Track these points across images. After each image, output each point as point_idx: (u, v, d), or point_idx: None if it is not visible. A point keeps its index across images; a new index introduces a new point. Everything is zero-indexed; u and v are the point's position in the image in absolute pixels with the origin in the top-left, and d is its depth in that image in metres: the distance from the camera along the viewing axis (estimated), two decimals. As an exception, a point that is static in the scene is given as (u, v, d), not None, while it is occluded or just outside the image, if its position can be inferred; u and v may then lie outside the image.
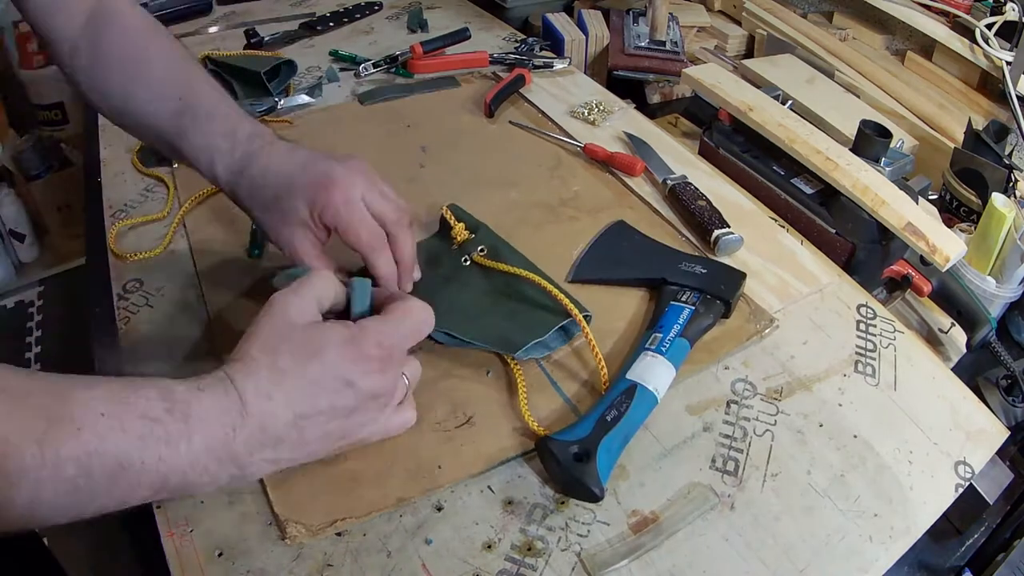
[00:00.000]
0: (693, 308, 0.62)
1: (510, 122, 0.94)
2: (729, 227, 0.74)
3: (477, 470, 0.54)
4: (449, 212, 0.73)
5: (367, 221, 0.58)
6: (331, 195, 0.57)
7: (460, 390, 0.60)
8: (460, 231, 0.71)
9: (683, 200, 0.78)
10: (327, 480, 0.53)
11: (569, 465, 0.51)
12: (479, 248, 0.70)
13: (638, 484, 0.54)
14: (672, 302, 0.63)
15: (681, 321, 0.61)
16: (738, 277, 0.65)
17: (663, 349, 0.59)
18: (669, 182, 0.81)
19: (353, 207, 0.58)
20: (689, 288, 0.63)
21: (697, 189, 0.80)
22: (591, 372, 0.62)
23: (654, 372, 0.57)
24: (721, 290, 0.63)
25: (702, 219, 0.75)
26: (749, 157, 0.88)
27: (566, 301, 0.62)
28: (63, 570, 1.01)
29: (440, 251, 0.71)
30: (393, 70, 1.07)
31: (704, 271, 0.65)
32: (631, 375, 0.57)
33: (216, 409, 0.44)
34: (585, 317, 0.62)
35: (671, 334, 0.60)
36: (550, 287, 0.63)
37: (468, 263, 0.70)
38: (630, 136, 0.89)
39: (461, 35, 1.10)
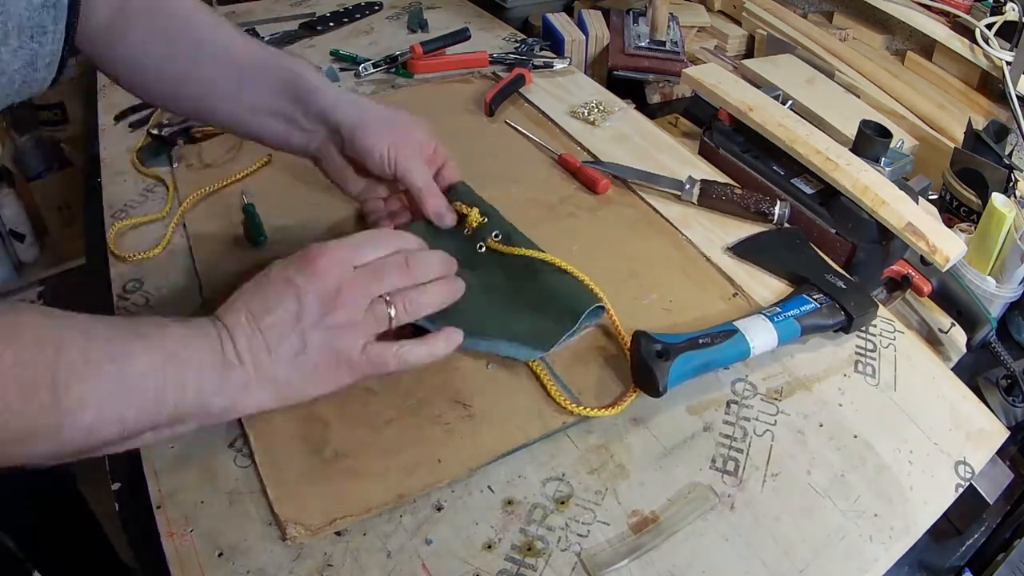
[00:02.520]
0: (817, 305, 0.65)
1: (506, 122, 0.94)
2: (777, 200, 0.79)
3: (478, 464, 0.54)
4: (461, 204, 0.70)
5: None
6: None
7: (460, 383, 0.60)
8: (475, 216, 0.69)
9: (723, 198, 0.79)
10: (326, 478, 0.53)
11: (648, 356, 0.57)
12: (493, 233, 0.69)
13: (638, 484, 0.54)
14: (802, 294, 0.67)
15: (802, 309, 0.64)
16: (870, 304, 0.67)
17: (775, 319, 0.62)
18: (690, 187, 0.80)
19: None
20: (823, 292, 0.66)
21: (717, 181, 0.81)
22: (592, 362, 0.62)
23: (757, 329, 0.61)
24: (850, 305, 0.65)
25: (750, 203, 0.78)
26: (749, 157, 0.88)
27: (590, 283, 0.65)
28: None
29: (451, 236, 0.69)
30: (393, 70, 1.07)
31: (843, 286, 0.67)
32: (737, 324, 0.62)
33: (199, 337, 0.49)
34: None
35: (788, 313, 0.64)
36: (572, 269, 0.66)
37: (483, 249, 0.69)
38: (624, 167, 0.86)
39: (461, 35, 1.10)
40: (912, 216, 0.73)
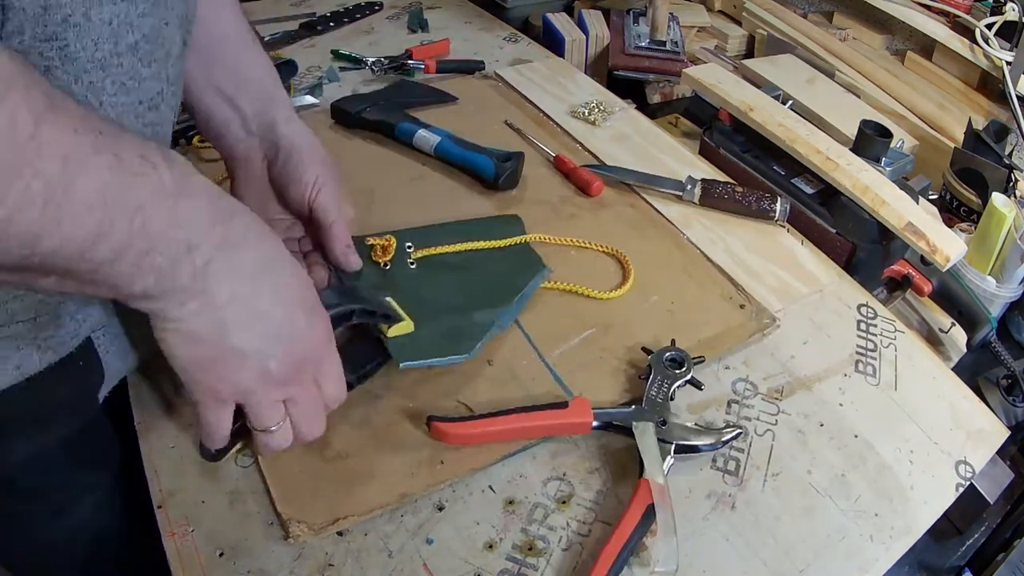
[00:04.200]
0: None
1: (505, 122, 0.94)
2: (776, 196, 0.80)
3: (480, 465, 0.54)
4: (373, 237, 0.68)
5: None
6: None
7: (462, 384, 0.60)
8: (385, 246, 0.68)
9: (724, 196, 0.80)
10: (329, 478, 0.53)
11: None
12: (407, 245, 0.69)
13: (639, 484, 0.54)
14: None
15: None
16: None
17: None
18: (691, 187, 0.81)
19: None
20: None
21: (718, 180, 0.82)
22: (592, 363, 0.62)
23: None
24: None
25: (752, 201, 0.79)
26: (749, 157, 0.88)
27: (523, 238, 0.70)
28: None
29: (381, 279, 0.66)
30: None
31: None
32: None
33: (204, 196, 0.39)
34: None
35: None
36: (505, 242, 0.70)
37: (415, 266, 0.68)
38: (626, 170, 0.85)
39: (476, 66, 1.08)
40: (912, 216, 0.73)
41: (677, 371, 0.59)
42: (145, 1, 0.41)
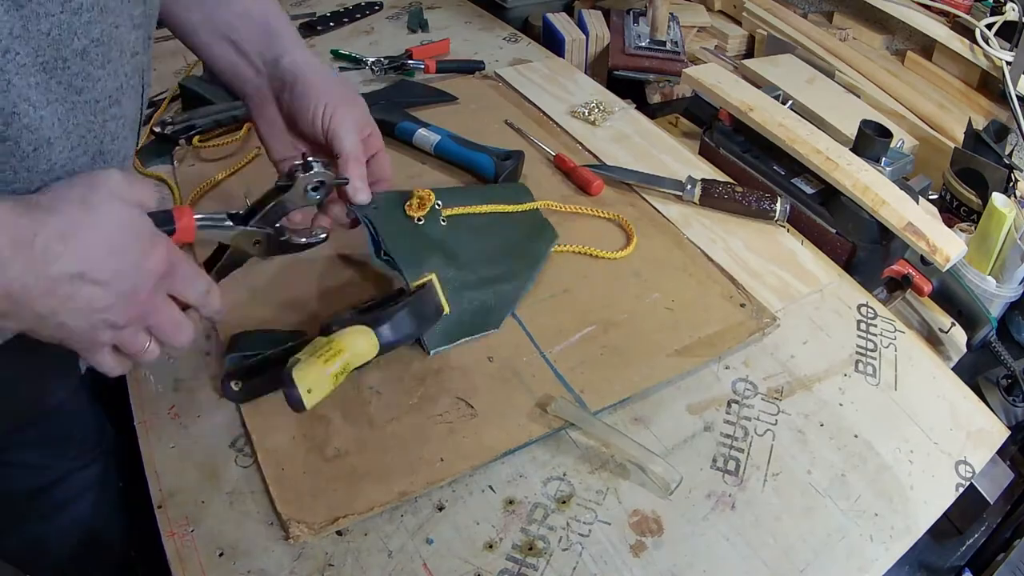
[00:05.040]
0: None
1: (505, 121, 0.94)
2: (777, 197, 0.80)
3: (480, 462, 0.54)
4: (416, 188, 0.69)
5: None
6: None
7: (462, 380, 0.60)
8: (424, 199, 0.68)
9: (724, 196, 0.80)
10: (328, 477, 0.53)
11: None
12: (436, 203, 0.69)
13: (639, 483, 0.54)
14: None
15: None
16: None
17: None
18: (691, 187, 0.81)
19: None
20: None
21: (718, 180, 0.82)
22: (594, 360, 0.62)
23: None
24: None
25: (752, 201, 0.79)
26: (749, 157, 0.88)
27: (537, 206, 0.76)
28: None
29: (415, 233, 0.67)
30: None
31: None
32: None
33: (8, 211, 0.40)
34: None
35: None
36: (521, 207, 0.75)
37: (445, 223, 0.70)
38: (626, 170, 0.85)
39: (476, 66, 1.09)
40: (912, 216, 0.73)
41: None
42: (90, 10, 0.42)
